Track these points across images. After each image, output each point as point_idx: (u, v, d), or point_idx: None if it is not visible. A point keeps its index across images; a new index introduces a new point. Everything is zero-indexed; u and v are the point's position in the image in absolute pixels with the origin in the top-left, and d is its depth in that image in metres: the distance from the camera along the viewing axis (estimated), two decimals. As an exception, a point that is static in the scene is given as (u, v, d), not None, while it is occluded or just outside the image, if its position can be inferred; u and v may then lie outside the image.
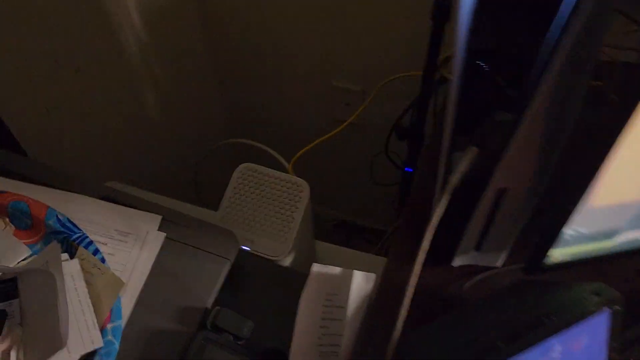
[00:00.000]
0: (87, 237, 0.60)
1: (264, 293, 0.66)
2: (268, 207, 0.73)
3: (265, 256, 0.71)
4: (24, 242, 0.60)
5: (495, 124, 0.46)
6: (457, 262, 0.63)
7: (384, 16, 1.05)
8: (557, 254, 0.50)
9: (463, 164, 0.47)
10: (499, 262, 0.63)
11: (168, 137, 1.25)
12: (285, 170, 0.94)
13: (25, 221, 0.61)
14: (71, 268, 0.57)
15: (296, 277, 0.68)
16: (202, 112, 1.41)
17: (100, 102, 0.98)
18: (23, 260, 0.59)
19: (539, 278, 0.54)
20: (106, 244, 0.62)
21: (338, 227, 1.67)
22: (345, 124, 0.95)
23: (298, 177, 0.91)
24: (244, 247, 0.72)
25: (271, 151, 0.97)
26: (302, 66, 1.24)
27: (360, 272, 0.65)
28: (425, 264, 0.66)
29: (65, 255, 0.58)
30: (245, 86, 1.39)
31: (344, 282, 0.65)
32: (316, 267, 0.62)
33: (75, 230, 0.60)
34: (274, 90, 1.36)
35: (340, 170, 1.50)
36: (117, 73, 1.00)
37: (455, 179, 0.48)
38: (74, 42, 0.88)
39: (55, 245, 0.57)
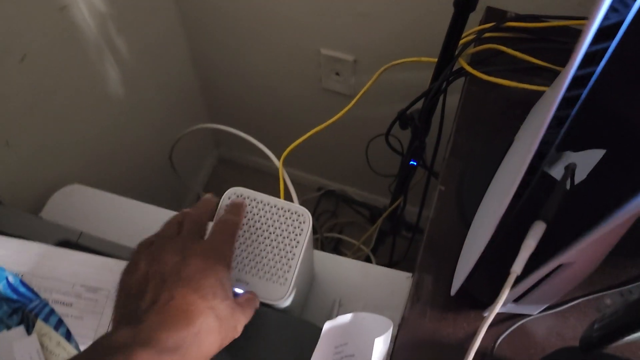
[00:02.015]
0: (46, 305, 0.49)
1: (260, 346, 0.57)
2: (263, 241, 0.63)
3: (262, 300, 0.62)
4: (-32, 310, 0.49)
5: (575, 200, 0.35)
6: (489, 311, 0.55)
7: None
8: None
9: (529, 244, 0.37)
10: (536, 312, 0.55)
11: (135, 123, 1.11)
12: (272, 163, 0.82)
13: (-33, 285, 0.49)
14: (29, 347, 0.46)
15: (297, 325, 0.60)
16: (176, 91, 1.26)
17: (53, 91, 0.83)
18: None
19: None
20: (71, 305, 0.51)
21: (325, 196, 1.58)
22: (342, 112, 0.83)
23: (288, 166, 0.81)
24: (236, 290, 0.62)
25: (259, 144, 0.85)
26: (286, 32, 1.09)
27: (372, 315, 0.57)
28: (447, 308, 0.58)
29: (21, 330, 0.47)
30: (222, 57, 1.24)
31: (354, 329, 0.57)
32: (327, 325, 0.54)
33: (31, 296, 0.49)
34: (256, 60, 1.21)
35: (332, 150, 1.39)
36: (70, 54, 0.85)
37: (520, 266, 0.38)
38: (14, 26, 0.72)
39: (5, 336, 0.46)
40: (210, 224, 0.55)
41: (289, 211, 0.62)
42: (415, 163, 0.88)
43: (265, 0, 1.03)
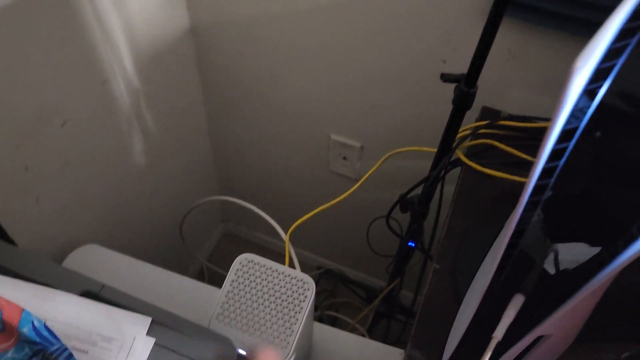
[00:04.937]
0: (66, 349, 0.52)
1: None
2: (269, 305, 0.67)
3: (263, 362, 0.64)
4: (-8, 349, 0.52)
5: (551, 277, 0.41)
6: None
7: (391, 77, 1.01)
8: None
9: (510, 314, 0.42)
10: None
11: (154, 192, 1.18)
12: (277, 240, 0.88)
13: (-5, 325, 0.53)
14: (46, 388, 0.49)
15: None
16: (192, 164, 1.34)
17: (84, 156, 0.90)
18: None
19: None
20: (87, 352, 0.55)
21: (324, 274, 1.61)
22: (346, 194, 0.90)
23: (292, 241, 0.86)
24: (240, 351, 0.65)
25: (267, 217, 0.91)
26: (300, 118, 1.18)
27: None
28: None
29: (39, 371, 0.50)
30: (237, 135, 1.33)
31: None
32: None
33: (53, 340, 0.52)
34: (269, 140, 1.30)
35: (334, 230, 1.45)
36: (105, 123, 0.93)
37: (501, 332, 0.42)
38: (61, 95, 0.80)
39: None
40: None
41: (294, 278, 0.67)
42: (413, 244, 0.93)
43: (283, 88, 1.13)
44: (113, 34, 0.86)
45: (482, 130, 0.84)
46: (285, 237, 0.86)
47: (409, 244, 0.93)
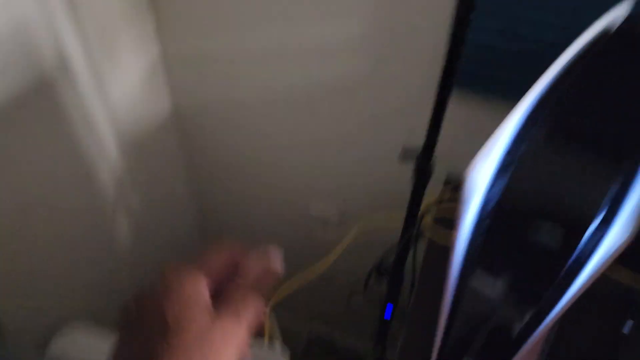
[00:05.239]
0: None
1: None
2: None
3: None
4: None
5: (496, 337, 0.44)
6: None
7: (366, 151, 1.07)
8: None
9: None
10: None
11: (140, 267, 1.20)
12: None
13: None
14: None
15: None
16: (177, 240, 1.38)
17: (70, 243, 0.94)
18: None
19: None
20: None
21: (313, 341, 1.61)
22: (326, 262, 0.93)
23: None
24: None
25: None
26: (281, 192, 1.24)
27: None
28: None
29: None
30: (222, 210, 1.38)
31: None
32: None
33: None
34: (253, 216, 1.35)
35: (319, 297, 1.47)
36: (89, 206, 0.97)
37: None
38: (46, 188, 0.85)
39: None
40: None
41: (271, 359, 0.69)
42: (389, 315, 0.95)
43: (264, 165, 1.20)
44: (96, 124, 0.92)
45: (448, 196, 0.89)
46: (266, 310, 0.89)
47: (387, 312, 0.95)
